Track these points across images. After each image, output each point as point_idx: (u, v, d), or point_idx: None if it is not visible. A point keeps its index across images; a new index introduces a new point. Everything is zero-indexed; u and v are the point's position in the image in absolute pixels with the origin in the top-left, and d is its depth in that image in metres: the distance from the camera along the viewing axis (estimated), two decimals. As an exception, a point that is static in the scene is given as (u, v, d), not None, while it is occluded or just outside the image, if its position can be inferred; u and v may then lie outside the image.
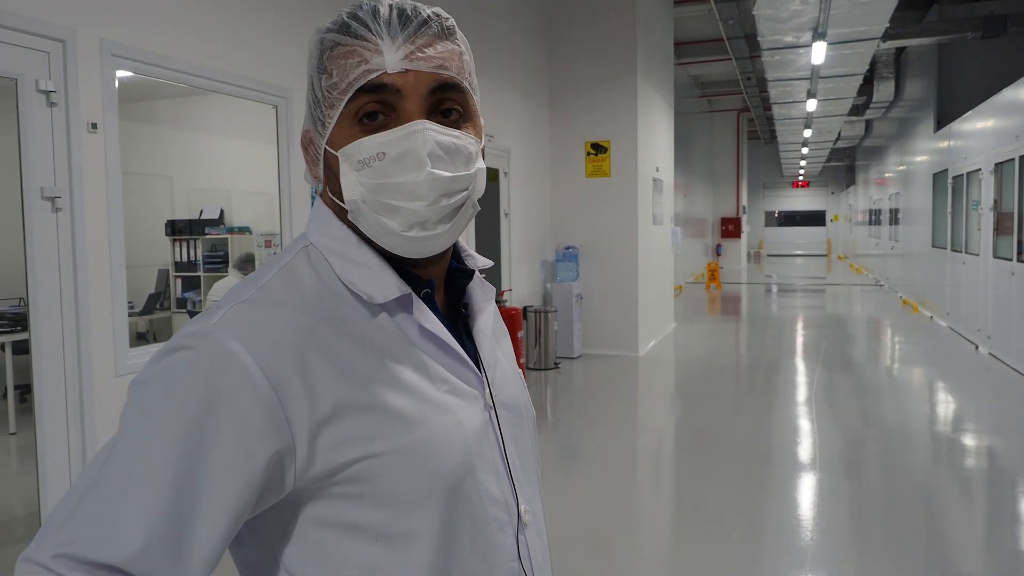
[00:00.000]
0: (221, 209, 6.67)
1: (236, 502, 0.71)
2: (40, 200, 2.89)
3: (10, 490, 4.64)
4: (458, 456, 0.81)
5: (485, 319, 0.93)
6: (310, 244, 0.84)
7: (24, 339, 4.88)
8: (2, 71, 2.79)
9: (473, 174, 0.82)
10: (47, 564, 0.67)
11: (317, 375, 0.74)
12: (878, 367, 8.45)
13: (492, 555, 0.84)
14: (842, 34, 8.94)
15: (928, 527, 3.97)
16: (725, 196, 23.97)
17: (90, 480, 0.70)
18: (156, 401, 0.71)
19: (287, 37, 4.25)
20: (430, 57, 0.79)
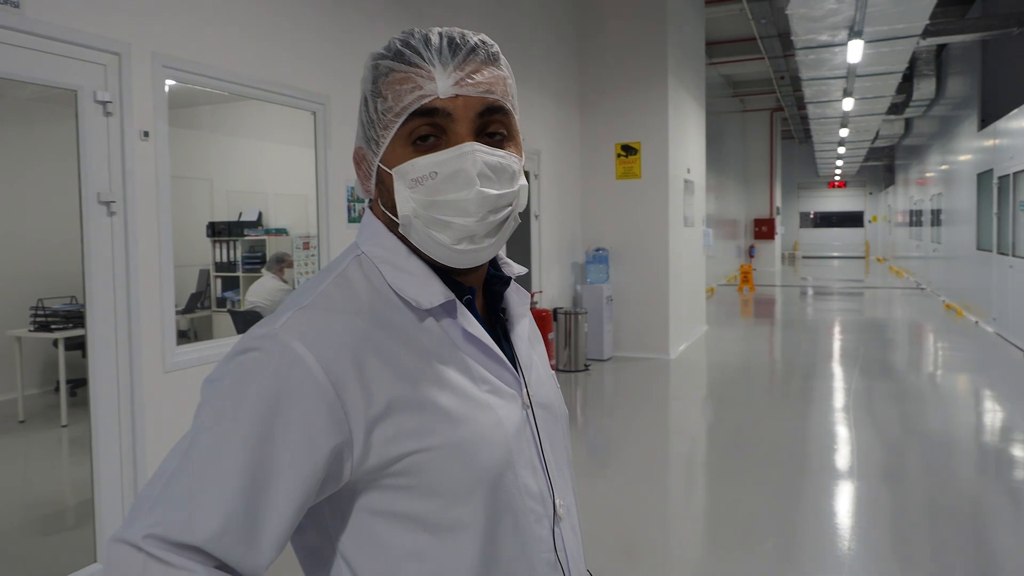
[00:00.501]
0: (260, 211, 6.85)
1: (301, 490, 0.78)
2: (96, 204, 3.06)
3: (62, 480, 4.84)
4: (499, 452, 0.87)
5: (523, 324, 1.00)
6: (362, 253, 0.91)
7: (76, 335, 5.10)
8: (64, 83, 2.96)
9: (516, 191, 0.89)
10: (138, 544, 0.74)
11: (372, 375, 0.81)
12: (919, 373, 8.28)
13: (530, 546, 0.90)
14: (879, 32, 8.83)
15: (973, 540, 3.87)
16: (758, 197, 23.73)
17: (173, 468, 0.78)
18: (230, 398, 0.78)
19: (325, 47, 4.39)
20: (478, 83, 0.86)
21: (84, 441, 5.13)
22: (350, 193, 4.63)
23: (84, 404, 5.59)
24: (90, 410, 3.11)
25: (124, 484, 3.20)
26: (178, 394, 3.42)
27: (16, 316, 5.35)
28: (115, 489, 3.18)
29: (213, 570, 0.76)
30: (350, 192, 4.63)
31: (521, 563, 0.89)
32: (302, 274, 4.57)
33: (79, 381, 5.58)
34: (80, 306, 5.44)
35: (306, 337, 0.80)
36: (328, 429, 0.78)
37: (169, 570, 0.73)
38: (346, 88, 4.57)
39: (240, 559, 0.77)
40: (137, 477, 3.23)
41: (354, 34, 4.66)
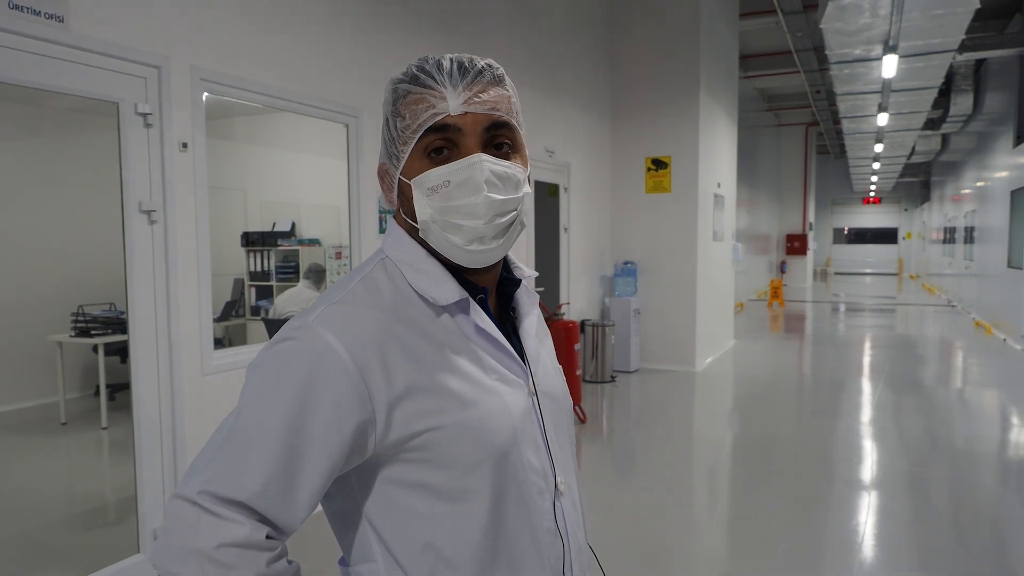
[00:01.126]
0: (293, 222, 6.98)
1: (331, 458, 0.91)
2: (138, 213, 3.17)
3: (103, 479, 4.98)
4: (505, 432, 0.98)
5: (530, 321, 1.11)
6: (386, 257, 1.03)
7: (115, 341, 5.24)
8: (106, 95, 3.07)
9: (521, 197, 1.00)
10: (194, 499, 0.88)
11: (393, 362, 0.93)
12: (946, 388, 8.23)
13: (533, 515, 1.01)
14: (915, 47, 8.75)
15: (995, 552, 3.87)
16: (791, 212, 23.52)
17: (223, 436, 0.92)
18: (271, 379, 0.91)
19: (359, 61, 4.49)
20: (484, 101, 0.97)
21: (123, 442, 5.27)
22: (381, 205, 4.71)
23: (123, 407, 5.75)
24: (133, 411, 3.21)
25: (165, 481, 3.30)
26: (216, 397, 3.52)
27: (57, 322, 5.51)
28: (156, 486, 3.28)
29: (256, 523, 0.89)
30: (381, 204, 4.71)
31: (525, 530, 1.00)
32: (333, 282, 4.67)
33: (118, 385, 5.73)
34: (119, 312, 5.61)
35: (336, 328, 0.92)
36: (354, 407, 0.90)
37: (219, 520, 0.87)
38: (379, 102, 4.65)
39: (278, 515, 0.90)
40: (177, 474, 3.33)
41: (388, 48, 4.76)
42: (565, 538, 1.05)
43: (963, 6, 7.38)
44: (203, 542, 0.86)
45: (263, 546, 0.89)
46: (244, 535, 0.87)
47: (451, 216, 0.95)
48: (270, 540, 0.90)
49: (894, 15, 7.66)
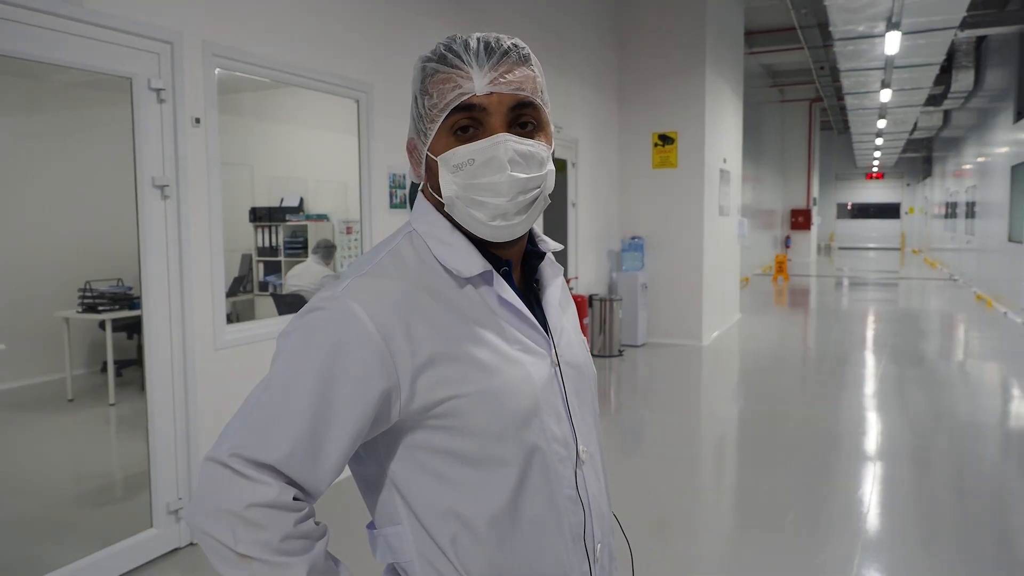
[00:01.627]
0: (301, 197, 6.98)
1: (356, 425, 0.94)
2: (151, 188, 3.18)
3: (112, 455, 5.02)
4: (527, 400, 1.00)
5: (552, 292, 1.13)
6: (413, 230, 1.06)
7: (122, 317, 5.26)
8: (119, 71, 3.08)
9: (544, 175, 1.02)
10: (225, 461, 0.92)
11: (417, 332, 0.96)
12: (947, 361, 8.30)
13: (554, 483, 1.03)
14: (917, 23, 8.72)
15: (995, 521, 3.94)
16: (795, 187, 23.48)
17: (254, 403, 0.96)
18: (299, 347, 0.95)
19: (369, 36, 4.48)
20: (510, 81, 0.99)
21: (132, 419, 5.31)
22: (392, 180, 4.73)
23: (130, 384, 5.78)
24: (146, 386, 3.25)
25: (178, 455, 3.35)
26: (228, 370, 3.55)
27: (64, 298, 5.51)
28: (169, 460, 3.32)
29: (284, 484, 0.93)
30: (392, 179, 4.73)
31: (545, 497, 1.02)
32: (346, 257, 4.68)
33: (125, 362, 5.76)
34: (127, 288, 5.62)
35: (362, 299, 0.95)
36: (379, 374, 0.93)
37: (248, 482, 0.91)
38: (390, 77, 4.65)
39: (306, 478, 0.94)
40: (190, 449, 3.37)
41: (399, 24, 4.74)
42: (586, 506, 1.07)
43: (966, -18, 7.35)
44: (233, 502, 0.90)
45: (291, 507, 0.92)
46: (272, 496, 0.90)
47: (475, 193, 0.98)
48: (297, 502, 0.93)
49: (899, -10, 7.63)
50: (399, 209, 4.82)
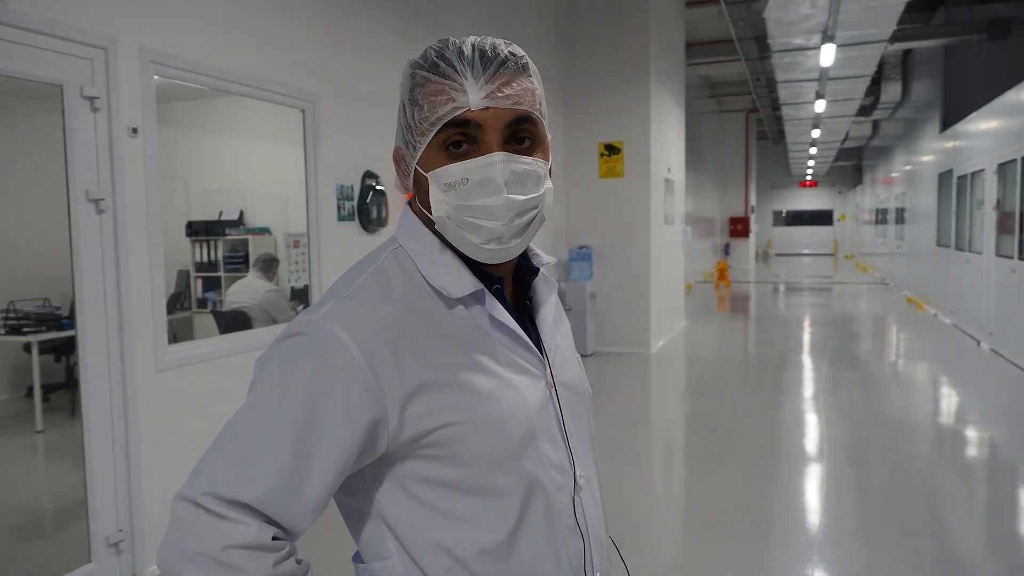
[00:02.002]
0: (241, 210, 6.77)
1: (340, 458, 0.87)
2: (85, 202, 3.01)
3: (40, 486, 4.74)
4: (522, 426, 0.94)
5: (547, 310, 1.07)
6: (399, 246, 0.99)
7: (49, 339, 5.00)
8: (49, 78, 2.90)
9: (542, 194, 0.95)
10: (198, 500, 0.84)
11: (405, 358, 0.89)
12: (883, 363, 8.57)
13: (552, 512, 0.97)
14: (851, 36, 9.01)
15: (931, 514, 4.08)
16: (734, 196, 23.99)
17: (229, 435, 0.88)
18: (279, 376, 0.88)
19: (316, 45, 4.36)
20: (508, 95, 0.91)
21: (61, 446, 5.04)
22: (339, 191, 4.60)
23: (59, 409, 5.49)
24: (82, 411, 3.06)
25: (118, 484, 3.15)
26: (170, 393, 3.38)
27: (-16, 320, 5.22)
28: (108, 489, 3.13)
29: (263, 524, 0.85)
30: (339, 190, 4.60)
31: (543, 526, 0.96)
32: (292, 272, 4.53)
33: (52, 385, 5.48)
34: (55, 308, 5.35)
35: (346, 324, 0.88)
36: (365, 405, 0.87)
37: (223, 523, 0.83)
38: (338, 86, 4.54)
39: (286, 517, 0.87)
40: (131, 477, 3.18)
41: (348, 32, 4.64)
42: (585, 534, 1.01)
43: (896, -2, 7.62)
44: (208, 544, 0.83)
45: (270, 547, 0.85)
46: (250, 537, 0.84)
47: (468, 215, 0.91)
48: (277, 541, 0.87)
49: (832, 5, 7.85)
50: (347, 222, 4.70)
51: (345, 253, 4.66)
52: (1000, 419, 5.99)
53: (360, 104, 4.78)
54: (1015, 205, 7.93)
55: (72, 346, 3.13)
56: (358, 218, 4.81)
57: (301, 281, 4.51)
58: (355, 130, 4.74)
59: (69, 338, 4.94)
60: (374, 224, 4.90)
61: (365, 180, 4.83)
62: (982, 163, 9.29)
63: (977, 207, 9.56)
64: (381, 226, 4.97)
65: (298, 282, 4.54)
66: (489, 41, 0.94)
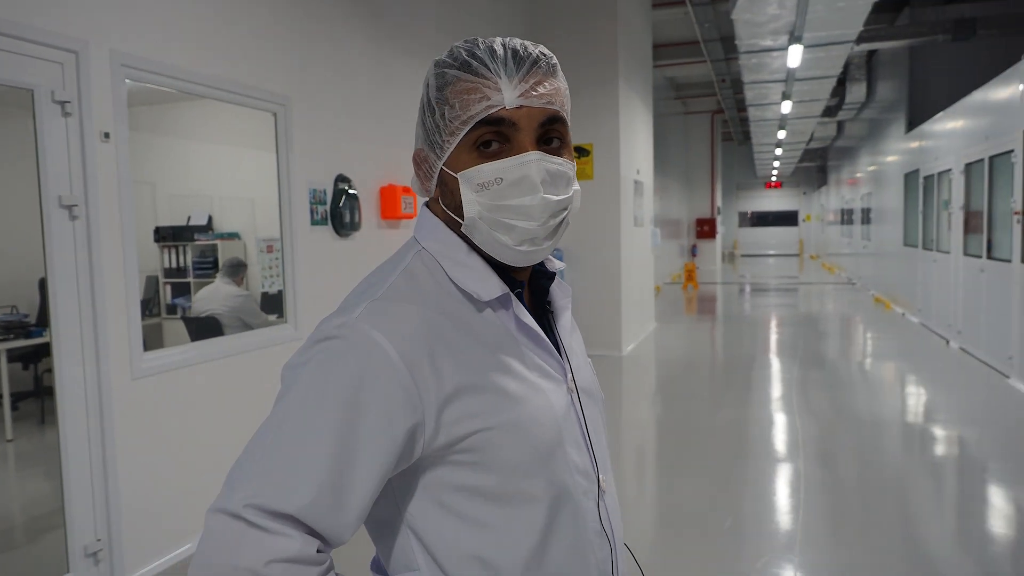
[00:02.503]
0: (210, 215, 6.69)
1: (382, 464, 0.85)
2: (58, 208, 2.96)
3: (12, 496, 4.65)
4: (551, 431, 0.94)
5: (567, 316, 1.08)
6: (422, 249, 0.98)
7: (18, 346, 4.90)
8: (19, 82, 2.86)
9: (571, 195, 0.96)
10: (239, 513, 0.81)
11: (441, 361, 0.88)
12: (852, 363, 8.69)
13: (581, 519, 0.97)
14: (818, 37, 9.12)
15: (901, 512, 4.15)
16: (700, 197, 24.23)
17: (266, 444, 0.85)
18: (315, 381, 0.85)
19: (287, 48, 4.33)
20: (541, 94, 0.91)
21: (32, 455, 4.94)
22: (312, 196, 4.58)
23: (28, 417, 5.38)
24: (57, 419, 3.01)
25: (95, 493, 3.11)
26: (147, 400, 3.34)
27: (-49, 327, 5.10)
28: (86, 498, 3.08)
29: (306, 536, 0.83)
30: (312, 194, 4.58)
31: (572, 533, 0.95)
32: (266, 277, 4.49)
33: (21, 394, 5.37)
34: (23, 315, 5.24)
35: (382, 326, 0.86)
36: (405, 409, 0.85)
37: (266, 535, 0.80)
38: (309, 89, 4.52)
39: (328, 527, 0.84)
40: (108, 486, 3.13)
41: (318, 36, 4.61)
42: (611, 538, 1.01)
43: (863, -1, 7.74)
44: (251, 559, 0.79)
45: (313, 560, 0.83)
46: (295, 550, 0.81)
47: (503, 215, 0.91)
48: (320, 554, 0.84)
49: (800, 6, 7.96)
50: (320, 226, 4.67)
51: (319, 257, 4.64)
52: (970, 417, 6.09)
53: (332, 107, 4.77)
54: (982, 205, 8.08)
55: (41, 354, 3.08)
56: (331, 222, 4.79)
57: (275, 286, 4.48)
58: (327, 133, 4.72)
59: (38, 346, 4.85)
60: (347, 228, 4.87)
61: (338, 184, 4.81)
62: (949, 163, 9.43)
63: (944, 207, 9.72)
64: (354, 230, 4.95)
65: (272, 287, 4.51)
66: (518, 41, 0.94)
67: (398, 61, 5.56)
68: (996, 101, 7.77)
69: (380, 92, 5.32)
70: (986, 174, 7.96)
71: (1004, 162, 7.41)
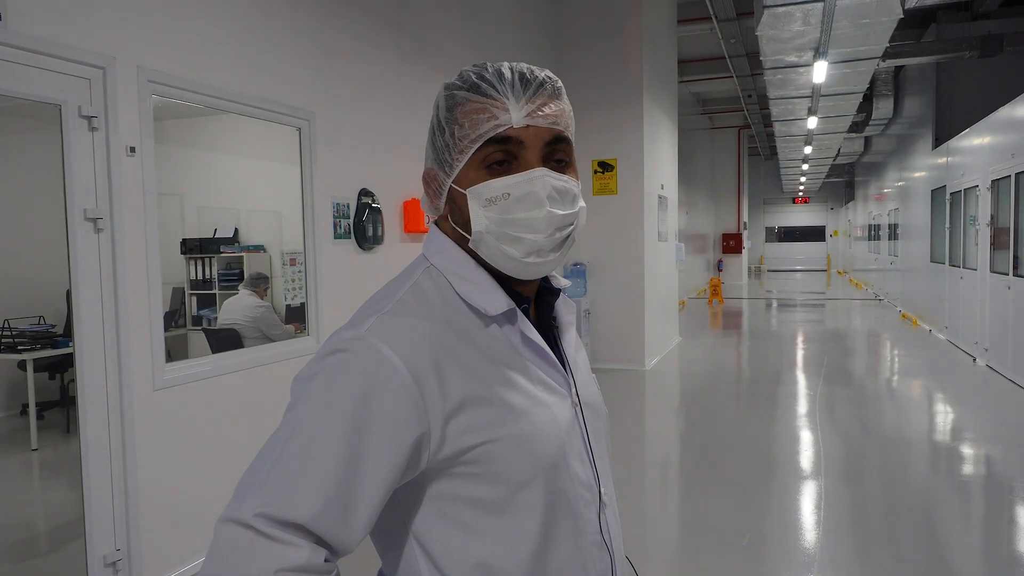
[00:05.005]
0: (236, 228, 6.77)
1: (389, 475, 0.88)
2: (83, 221, 3.01)
3: (36, 504, 4.71)
4: (554, 444, 0.96)
5: (572, 332, 1.10)
6: (431, 265, 1.01)
7: (44, 356, 4.99)
8: (47, 98, 2.91)
9: (577, 211, 0.98)
10: (248, 522, 0.83)
11: (448, 374, 0.90)
12: (878, 379, 8.57)
13: (581, 529, 0.99)
14: (843, 54, 9.08)
15: (928, 532, 4.08)
16: (726, 212, 24.11)
17: (275, 454, 0.87)
18: (324, 392, 0.88)
19: (311, 63, 4.38)
20: (547, 115, 0.96)
21: (56, 464, 5.01)
22: (335, 209, 4.61)
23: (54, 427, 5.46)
24: (80, 429, 3.04)
25: (116, 503, 3.14)
26: (168, 412, 3.37)
27: (-21, 338, 5.20)
28: (106, 508, 3.11)
29: (314, 545, 0.85)
30: (335, 208, 4.61)
31: (572, 543, 0.98)
32: (288, 290, 4.53)
33: (47, 403, 5.45)
34: (50, 326, 5.33)
35: (390, 339, 0.89)
36: (411, 421, 0.87)
37: (275, 544, 0.82)
38: (333, 104, 4.57)
39: (336, 536, 0.86)
40: (128, 496, 3.16)
41: (341, 51, 4.67)
42: (611, 550, 1.04)
43: (887, 16, 7.68)
44: (260, 568, 0.81)
45: (321, 569, 0.85)
46: (304, 559, 0.83)
47: (510, 228, 0.94)
48: (327, 563, 0.87)
49: (824, 23, 7.92)
50: (343, 240, 4.71)
51: (341, 271, 4.67)
52: (997, 436, 5.98)
53: (355, 122, 4.81)
54: (1009, 221, 7.98)
55: (66, 364, 3.12)
56: (354, 236, 4.82)
57: (298, 299, 4.51)
58: (351, 148, 4.77)
59: (64, 356, 4.93)
60: (370, 242, 4.91)
61: (361, 198, 4.85)
62: (975, 179, 9.33)
63: (971, 223, 9.60)
64: (377, 244, 4.99)
65: (295, 300, 4.54)
66: (524, 65, 0.98)
67: (423, 77, 5.61)
68: (1022, 118, 7.66)
69: (405, 107, 5.37)
70: (1012, 190, 7.84)
71: (1033, 179, 7.29)
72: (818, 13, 7.59)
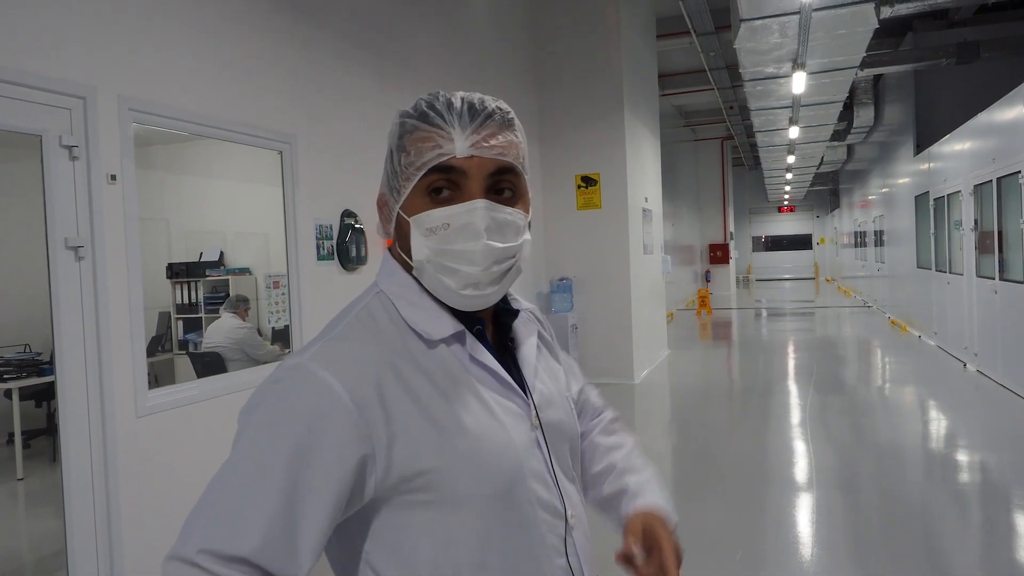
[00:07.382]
0: (221, 251, 6.77)
1: (333, 502, 0.87)
2: (64, 250, 3.02)
3: (21, 534, 4.67)
4: (509, 467, 0.95)
5: (528, 350, 1.09)
6: (380, 291, 1.01)
7: (29, 385, 4.96)
8: (28, 128, 2.92)
9: (520, 244, 0.99)
10: (193, 559, 0.82)
11: (391, 397, 0.90)
12: (869, 387, 8.59)
13: (540, 553, 0.98)
14: (821, 64, 9.17)
15: (924, 541, 4.07)
16: (712, 223, 24.22)
17: (219, 488, 0.87)
18: (266, 423, 0.88)
19: (292, 87, 4.41)
20: (492, 146, 0.96)
21: (42, 494, 4.97)
22: (318, 231, 4.63)
23: (40, 455, 5.42)
24: (60, 457, 3.03)
25: (98, 533, 3.12)
26: (151, 439, 3.36)
27: (-35, 367, 5.17)
28: (88, 538, 3.09)
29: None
30: (318, 230, 4.63)
31: (535, 567, 0.97)
32: (272, 312, 4.53)
33: (33, 432, 5.41)
34: (35, 354, 5.31)
35: (331, 365, 0.89)
36: (354, 445, 0.87)
37: None
38: (314, 127, 4.59)
39: (282, 567, 0.84)
40: (111, 525, 3.14)
41: (323, 75, 4.70)
42: (578, 573, 1.02)
43: (863, 26, 7.78)
44: None
45: None
46: None
47: (447, 259, 0.94)
48: None
49: (801, 35, 8.02)
50: (326, 261, 4.72)
51: (325, 292, 4.68)
52: (989, 441, 6.00)
53: (337, 144, 4.84)
54: (993, 225, 8.03)
55: (52, 392, 3.12)
56: (337, 257, 4.84)
57: (282, 322, 4.52)
58: (333, 169, 4.79)
59: (49, 384, 4.91)
60: (353, 263, 4.92)
61: (344, 219, 4.86)
62: (958, 184, 9.40)
63: (955, 228, 9.67)
64: (360, 264, 5.00)
65: (279, 323, 4.55)
66: (477, 96, 0.99)
67: (403, 98, 5.64)
68: (1001, 122, 7.76)
69: (386, 128, 5.31)
70: (995, 195, 7.92)
71: (1012, 183, 7.37)
72: (794, 25, 7.69)
